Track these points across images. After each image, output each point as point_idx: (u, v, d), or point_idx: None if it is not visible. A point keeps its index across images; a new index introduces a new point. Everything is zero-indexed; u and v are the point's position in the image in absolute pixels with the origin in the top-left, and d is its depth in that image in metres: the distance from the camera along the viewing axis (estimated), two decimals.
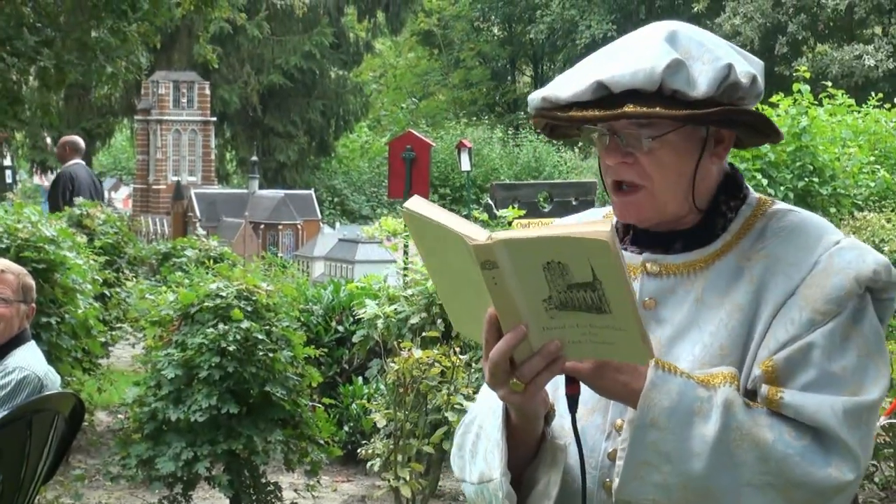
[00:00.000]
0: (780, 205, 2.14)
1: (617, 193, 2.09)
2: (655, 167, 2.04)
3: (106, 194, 40.00)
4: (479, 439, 2.11)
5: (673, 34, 2.06)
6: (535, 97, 2.10)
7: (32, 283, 4.91)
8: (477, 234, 1.83)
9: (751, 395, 2.01)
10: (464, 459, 2.18)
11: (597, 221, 1.86)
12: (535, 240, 1.83)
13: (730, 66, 2.03)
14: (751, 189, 2.17)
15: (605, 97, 2.01)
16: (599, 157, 2.12)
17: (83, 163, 12.80)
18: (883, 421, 5.32)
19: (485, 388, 2.21)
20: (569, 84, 2.05)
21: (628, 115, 1.98)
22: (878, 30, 36.53)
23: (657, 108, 1.98)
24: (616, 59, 2.04)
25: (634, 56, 2.03)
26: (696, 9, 38.05)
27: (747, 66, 2.06)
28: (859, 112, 18.34)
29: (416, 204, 1.92)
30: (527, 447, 2.07)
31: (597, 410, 2.07)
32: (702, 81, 2.01)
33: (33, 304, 4.88)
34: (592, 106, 2.01)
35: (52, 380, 4.70)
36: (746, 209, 2.13)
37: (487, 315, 1.89)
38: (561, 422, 2.06)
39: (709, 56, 2.04)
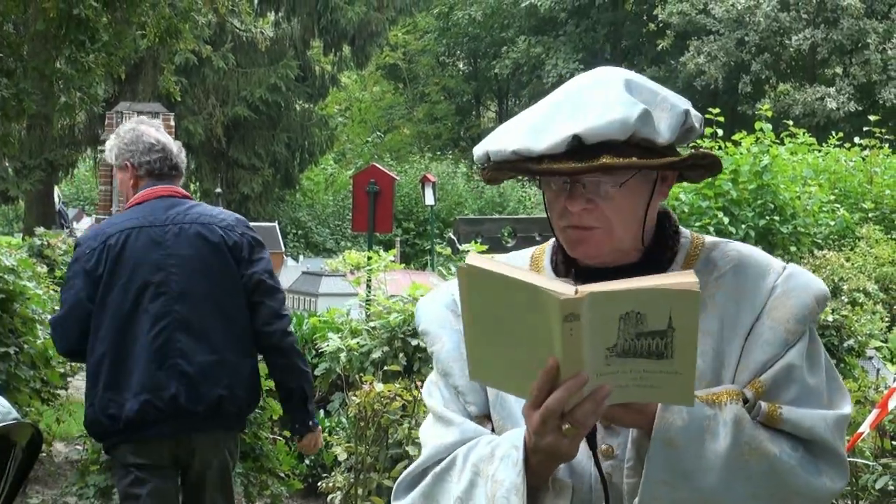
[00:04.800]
0: (711, 237, 2.23)
1: (573, 230, 2.11)
2: (615, 211, 2.08)
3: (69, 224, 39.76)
4: (475, 487, 2.09)
5: (628, 82, 2.10)
6: (505, 150, 2.08)
7: None
8: (563, 288, 1.85)
9: None
10: None
11: (680, 273, 1.91)
12: (622, 292, 1.86)
13: (686, 112, 2.09)
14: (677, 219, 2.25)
15: (577, 148, 2.02)
16: (548, 200, 2.13)
17: None
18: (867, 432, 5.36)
19: (444, 432, 2.20)
20: (540, 137, 2.04)
21: (608, 166, 2.00)
22: (838, 70, 36.88)
23: (633, 158, 2.00)
24: (583, 109, 2.05)
25: (602, 105, 2.04)
26: (660, 47, 38.31)
27: (693, 110, 2.13)
28: (820, 151, 18.53)
29: (479, 260, 1.92)
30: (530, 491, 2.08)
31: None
32: (664, 129, 2.05)
33: None
34: (565, 157, 2.02)
35: None
36: (685, 242, 2.21)
37: (548, 365, 1.88)
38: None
39: (665, 104, 2.09)
